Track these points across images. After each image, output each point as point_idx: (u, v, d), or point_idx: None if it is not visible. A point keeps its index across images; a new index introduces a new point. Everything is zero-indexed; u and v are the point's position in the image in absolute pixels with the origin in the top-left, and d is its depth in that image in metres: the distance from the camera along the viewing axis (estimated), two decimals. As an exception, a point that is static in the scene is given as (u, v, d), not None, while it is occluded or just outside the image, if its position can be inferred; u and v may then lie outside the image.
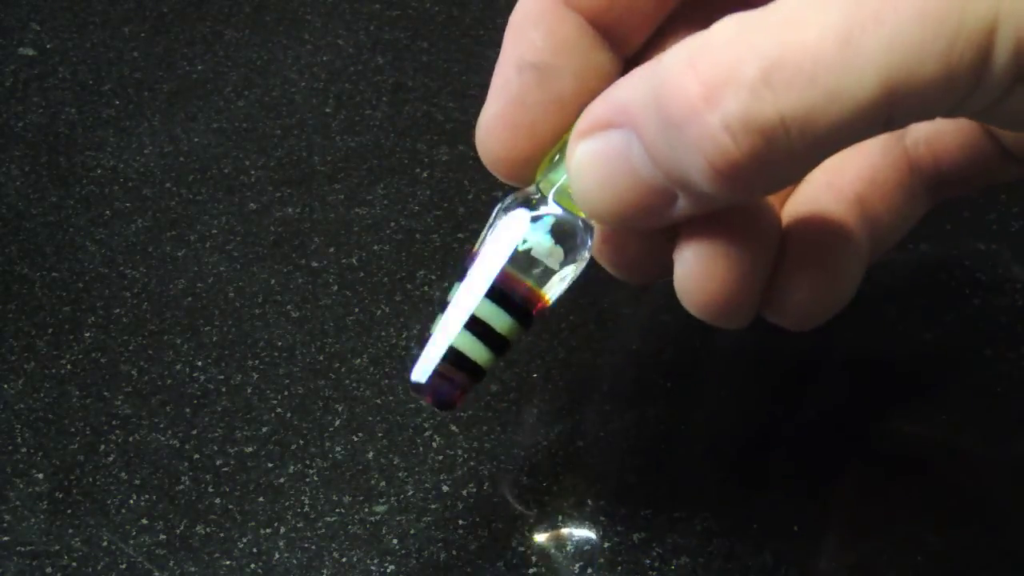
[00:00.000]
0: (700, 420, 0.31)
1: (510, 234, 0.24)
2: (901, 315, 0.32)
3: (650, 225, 0.23)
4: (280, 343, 0.32)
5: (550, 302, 0.25)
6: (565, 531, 0.28)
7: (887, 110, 0.19)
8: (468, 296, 0.24)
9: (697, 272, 0.24)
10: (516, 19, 0.26)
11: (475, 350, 0.24)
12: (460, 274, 0.25)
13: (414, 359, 0.25)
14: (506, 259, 0.24)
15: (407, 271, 0.34)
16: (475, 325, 0.24)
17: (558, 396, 0.31)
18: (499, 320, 0.24)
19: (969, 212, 0.35)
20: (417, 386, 0.25)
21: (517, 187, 0.25)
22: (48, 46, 0.42)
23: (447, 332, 0.24)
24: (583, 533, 0.28)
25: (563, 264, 0.24)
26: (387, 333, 0.32)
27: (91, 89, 0.40)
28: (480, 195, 0.36)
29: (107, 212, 0.36)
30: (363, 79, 0.40)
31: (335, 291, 0.34)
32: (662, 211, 0.22)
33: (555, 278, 0.24)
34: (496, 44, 0.25)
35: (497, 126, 0.25)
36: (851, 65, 0.19)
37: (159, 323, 0.33)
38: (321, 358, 0.32)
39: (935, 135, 0.26)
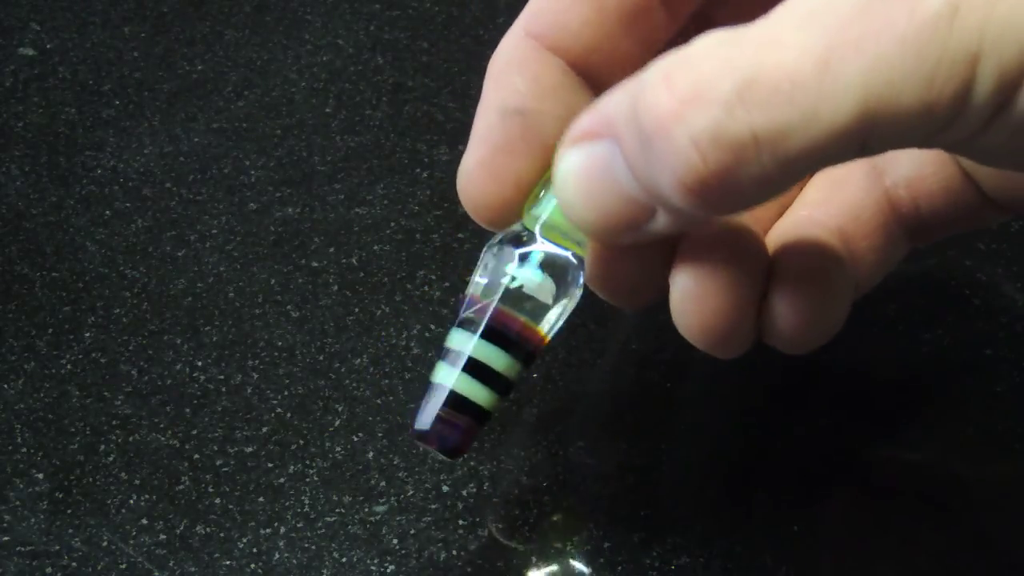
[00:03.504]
0: (700, 420, 0.31)
1: (500, 272, 0.24)
2: (901, 315, 0.32)
3: (632, 239, 0.23)
4: (280, 343, 0.32)
5: (547, 338, 0.25)
6: (565, 531, 0.28)
7: (862, 136, 0.19)
8: (464, 339, 0.24)
9: (693, 295, 0.24)
10: (497, 64, 0.25)
11: (476, 392, 0.24)
12: (456, 319, 0.24)
13: (416, 409, 0.25)
14: (498, 297, 0.24)
15: (407, 271, 0.34)
16: (473, 367, 0.24)
17: (558, 396, 0.31)
18: (497, 359, 0.24)
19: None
20: (422, 434, 0.24)
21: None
22: (48, 46, 0.42)
23: (447, 377, 0.24)
24: (583, 533, 0.28)
25: (556, 299, 0.24)
26: (387, 333, 0.32)
27: (91, 89, 0.40)
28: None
29: (107, 212, 0.36)
30: (363, 79, 0.40)
31: (335, 291, 0.34)
32: (643, 225, 0.22)
33: (549, 313, 0.24)
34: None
35: (481, 174, 0.25)
36: (829, 89, 0.19)
37: (159, 323, 0.33)
38: (321, 358, 0.32)
39: (916, 179, 0.26)
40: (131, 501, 0.29)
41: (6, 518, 0.29)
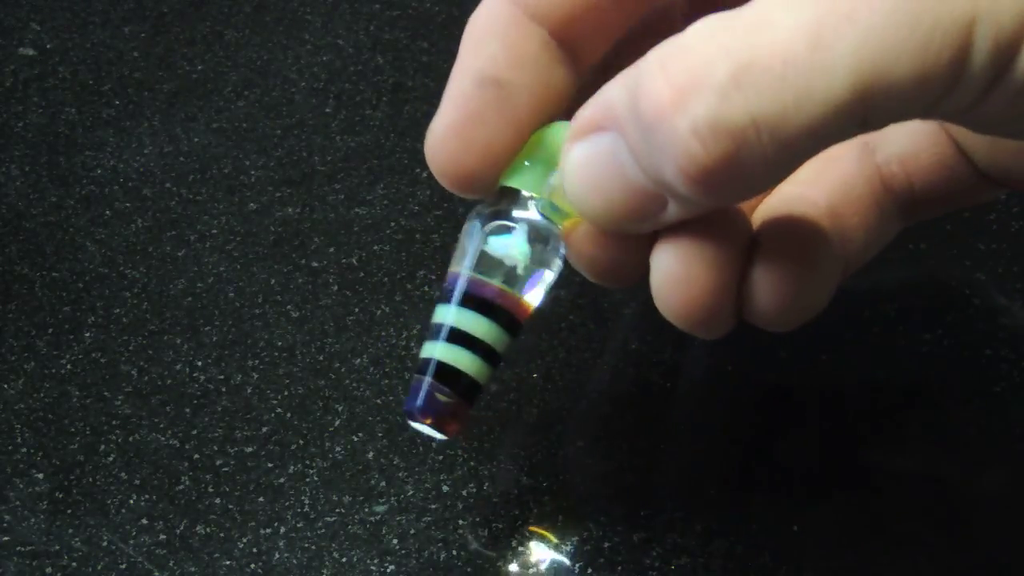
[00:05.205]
0: (700, 420, 0.31)
1: (479, 241, 0.24)
2: (901, 315, 0.32)
3: (643, 229, 0.23)
4: (280, 343, 0.32)
5: (530, 305, 0.25)
6: (565, 531, 0.28)
7: (861, 111, 0.19)
8: (443, 310, 0.24)
9: (674, 277, 0.24)
10: (476, 28, 0.25)
11: (461, 359, 0.24)
12: (441, 296, 0.25)
13: (409, 391, 0.24)
14: (472, 265, 0.24)
15: (407, 271, 0.34)
16: (455, 336, 0.24)
17: (558, 396, 0.31)
18: (477, 326, 0.24)
19: (969, 212, 0.35)
20: (412, 411, 0.24)
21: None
22: (48, 46, 0.42)
23: (431, 350, 0.24)
24: (583, 533, 0.28)
25: (535, 265, 0.24)
26: (387, 333, 0.32)
27: (91, 89, 0.40)
28: (480, 195, 0.36)
29: (107, 212, 0.36)
30: (363, 79, 0.40)
31: (335, 291, 0.34)
32: (654, 215, 0.22)
33: (531, 281, 0.24)
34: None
35: (452, 141, 0.25)
36: (822, 66, 0.19)
37: (159, 323, 0.33)
38: (321, 358, 0.32)
39: (909, 155, 0.26)
40: (131, 501, 0.29)
41: (6, 518, 0.29)
